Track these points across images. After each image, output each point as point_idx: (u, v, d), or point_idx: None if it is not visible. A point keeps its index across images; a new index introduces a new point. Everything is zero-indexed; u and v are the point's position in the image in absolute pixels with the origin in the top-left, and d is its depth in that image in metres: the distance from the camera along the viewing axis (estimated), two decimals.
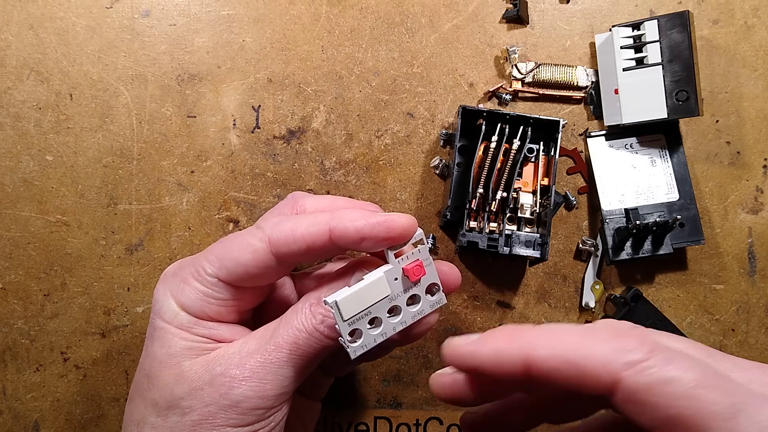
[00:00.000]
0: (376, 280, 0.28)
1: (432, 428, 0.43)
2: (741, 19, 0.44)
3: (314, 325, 0.28)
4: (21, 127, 0.42)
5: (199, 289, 0.30)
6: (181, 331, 0.29)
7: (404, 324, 0.29)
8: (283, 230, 0.28)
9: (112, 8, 0.43)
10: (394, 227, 0.28)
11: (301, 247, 0.28)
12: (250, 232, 0.29)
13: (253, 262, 0.29)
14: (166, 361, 0.29)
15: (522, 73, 0.43)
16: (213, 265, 0.29)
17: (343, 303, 0.27)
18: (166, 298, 0.30)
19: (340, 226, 0.28)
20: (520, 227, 0.42)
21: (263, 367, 0.28)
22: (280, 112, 0.44)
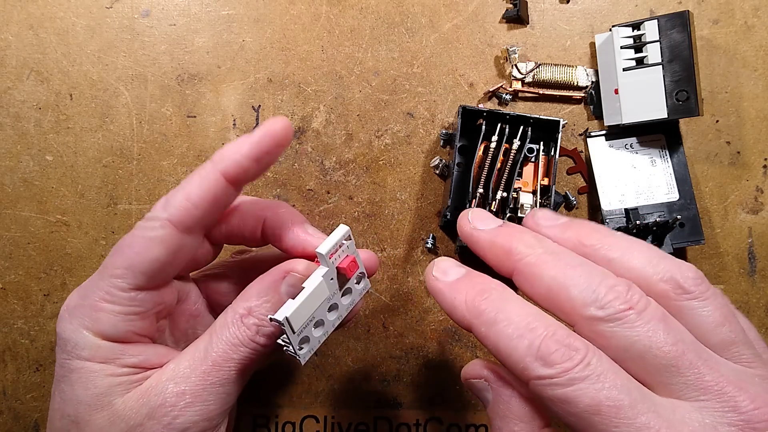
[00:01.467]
0: (318, 286, 0.27)
1: (432, 428, 0.43)
2: (741, 19, 0.44)
3: (249, 337, 0.27)
4: (21, 127, 0.42)
5: (118, 310, 0.27)
6: (106, 366, 0.27)
7: (341, 317, 0.30)
8: (178, 204, 0.26)
9: (112, 8, 0.43)
10: (277, 132, 0.26)
11: (204, 209, 0.27)
12: (144, 227, 0.27)
13: (167, 251, 0.27)
14: (94, 403, 0.26)
15: (522, 73, 0.43)
16: (125, 278, 0.27)
17: (294, 317, 0.26)
18: (79, 333, 0.27)
19: (229, 163, 0.26)
20: None
21: (204, 389, 0.26)
22: (280, 112, 0.44)
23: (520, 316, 0.23)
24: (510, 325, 0.23)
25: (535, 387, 0.22)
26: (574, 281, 0.23)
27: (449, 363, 0.43)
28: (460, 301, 0.25)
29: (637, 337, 0.22)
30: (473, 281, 0.26)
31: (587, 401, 0.21)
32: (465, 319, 0.25)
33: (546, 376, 0.22)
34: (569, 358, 0.21)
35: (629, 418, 0.20)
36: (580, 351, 0.22)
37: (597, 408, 0.21)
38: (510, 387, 0.25)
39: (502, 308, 0.24)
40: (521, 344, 0.22)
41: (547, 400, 0.22)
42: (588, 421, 0.21)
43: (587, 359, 0.21)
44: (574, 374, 0.21)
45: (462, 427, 0.43)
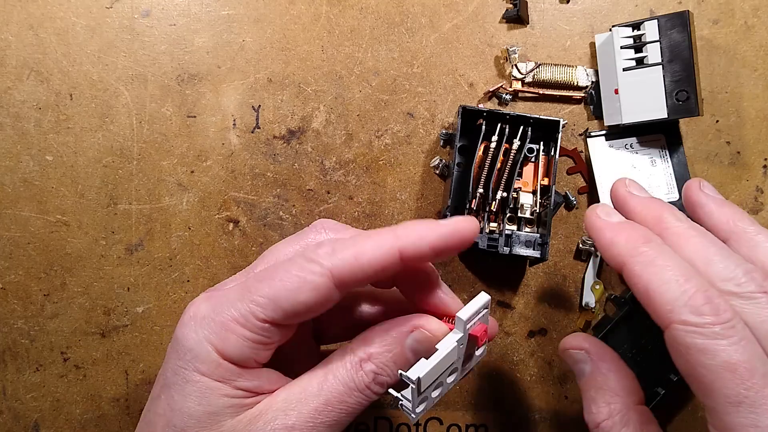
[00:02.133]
0: (451, 350, 0.27)
1: (432, 428, 0.43)
2: (741, 19, 0.44)
3: (366, 384, 0.27)
4: (21, 127, 0.42)
5: (248, 336, 0.26)
6: (222, 386, 0.26)
7: (457, 380, 0.29)
8: (345, 259, 0.26)
9: (112, 8, 0.43)
10: (465, 233, 0.27)
11: (368, 274, 0.26)
12: (303, 267, 0.26)
13: (315, 299, 0.26)
14: (205, 421, 0.26)
15: (522, 73, 0.43)
16: (265, 309, 0.26)
17: (425, 378, 0.26)
18: (202, 346, 0.26)
19: (411, 245, 0.26)
20: (520, 227, 0.42)
21: (313, 428, 0.26)
22: (280, 112, 0.44)
23: (679, 266, 0.25)
24: (667, 270, 0.24)
25: (676, 331, 0.23)
26: (716, 258, 0.25)
27: None
28: (621, 239, 0.26)
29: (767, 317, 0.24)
30: (637, 227, 0.27)
31: (726, 357, 0.22)
32: (621, 255, 0.26)
33: (692, 323, 0.23)
34: (717, 314, 0.23)
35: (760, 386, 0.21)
36: (728, 312, 0.23)
37: (734, 366, 0.22)
38: (609, 359, 0.27)
39: (661, 254, 0.25)
40: (675, 288, 0.24)
41: (683, 347, 0.23)
42: (720, 376, 0.22)
43: (733, 322, 0.23)
44: (720, 330, 0.22)
45: (462, 427, 0.43)
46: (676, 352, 0.23)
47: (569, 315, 0.44)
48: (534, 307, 0.44)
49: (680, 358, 0.23)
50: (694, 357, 0.23)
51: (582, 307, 0.44)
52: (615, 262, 0.27)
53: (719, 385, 0.22)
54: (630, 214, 0.30)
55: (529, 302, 0.44)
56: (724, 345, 0.22)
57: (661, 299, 0.24)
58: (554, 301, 0.44)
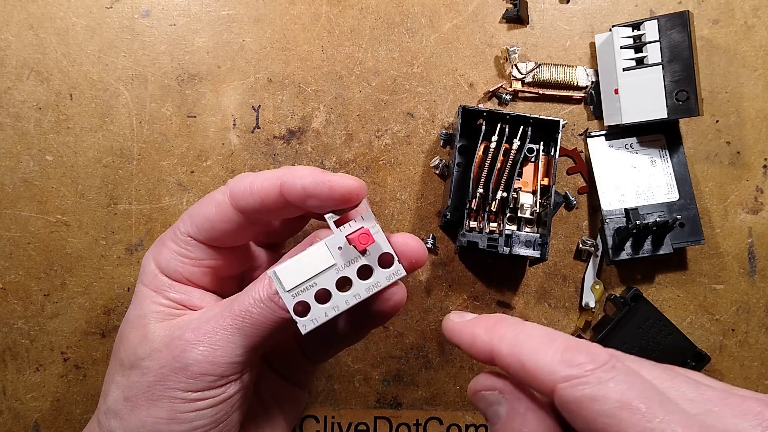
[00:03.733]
0: (317, 248, 0.27)
1: (432, 428, 0.43)
2: (741, 19, 0.44)
3: (269, 295, 0.28)
4: (21, 127, 0.42)
5: (174, 248, 0.31)
6: (155, 294, 0.30)
7: (358, 297, 0.28)
8: (242, 183, 0.29)
9: (112, 8, 0.43)
10: (337, 187, 0.27)
11: (256, 200, 0.29)
12: (217, 189, 0.30)
13: (217, 215, 0.30)
14: (135, 322, 0.30)
15: (522, 73, 0.43)
16: (185, 224, 0.31)
17: (283, 272, 0.26)
18: (148, 261, 0.31)
19: (289, 181, 0.28)
20: (520, 227, 0.42)
21: (215, 333, 0.28)
22: (280, 112, 0.44)
23: (540, 331, 0.24)
24: (533, 339, 0.24)
25: (563, 390, 0.22)
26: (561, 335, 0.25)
27: (449, 363, 0.43)
28: (480, 331, 0.26)
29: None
30: (488, 317, 0.27)
31: (618, 396, 0.21)
32: (486, 345, 0.25)
33: (575, 376, 0.22)
34: (594, 360, 0.22)
35: (661, 415, 0.20)
36: (604, 354, 0.22)
37: (629, 402, 0.21)
38: (527, 398, 0.25)
39: (521, 329, 0.25)
40: (547, 354, 0.23)
41: (575, 404, 0.21)
42: (621, 418, 0.20)
43: (612, 362, 0.22)
44: (602, 373, 0.21)
45: (462, 427, 0.43)
46: (572, 414, 0.22)
47: (569, 315, 0.44)
48: (534, 307, 0.44)
49: (578, 419, 0.22)
50: (588, 409, 0.21)
51: (582, 307, 0.44)
52: (484, 354, 0.25)
53: (624, 427, 0.20)
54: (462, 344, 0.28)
55: (529, 302, 0.44)
56: (612, 385, 0.21)
57: (538, 368, 0.23)
58: (554, 301, 0.44)
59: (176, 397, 0.28)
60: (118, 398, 0.29)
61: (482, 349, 0.25)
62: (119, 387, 0.29)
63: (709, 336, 0.44)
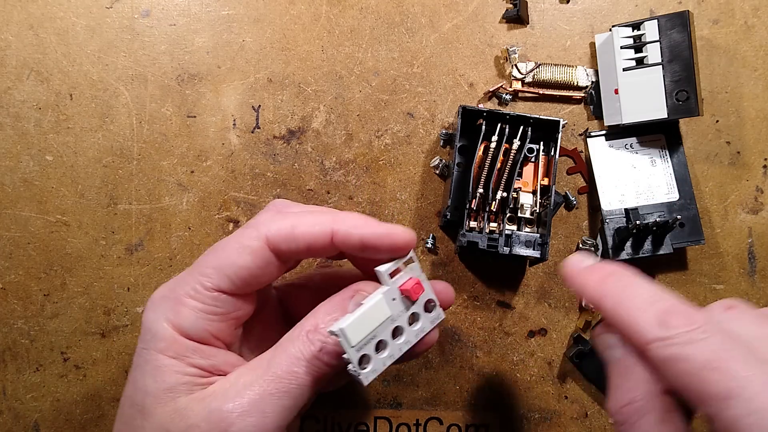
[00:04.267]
0: (376, 302, 0.28)
1: (432, 428, 0.43)
2: (741, 19, 0.44)
3: (313, 353, 0.27)
4: (21, 127, 0.42)
5: (199, 307, 0.28)
6: (176, 362, 0.27)
7: (409, 343, 0.29)
8: (281, 227, 0.28)
9: (112, 8, 0.43)
10: (398, 240, 0.28)
11: (300, 246, 0.28)
12: (243, 235, 0.28)
13: (253, 263, 0.28)
14: (161, 397, 0.27)
15: (522, 73, 0.43)
16: (211, 278, 0.28)
17: (350, 329, 0.26)
18: (159, 324, 0.28)
19: (343, 230, 0.27)
20: (520, 227, 0.42)
21: (262, 400, 0.26)
22: (280, 112, 0.44)
23: (645, 292, 0.26)
24: (635, 299, 0.25)
25: (655, 350, 0.23)
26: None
27: (449, 363, 0.43)
28: (591, 282, 0.27)
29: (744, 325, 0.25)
30: (603, 267, 0.28)
31: (704, 357, 0.22)
32: (593, 299, 0.27)
33: (666, 337, 0.23)
34: (689, 322, 0.23)
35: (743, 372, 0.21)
36: (700, 317, 0.23)
37: (715, 363, 0.22)
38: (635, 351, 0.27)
39: (628, 287, 0.26)
40: (645, 315, 0.24)
41: (664, 364, 0.23)
42: (705, 378, 0.22)
43: (705, 326, 0.23)
44: (693, 334, 0.23)
45: (462, 427, 0.43)
46: (663, 372, 0.24)
47: (569, 315, 0.44)
48: (534, 307, 0.44)
49: (669, 376, 0.23)
50: (675, 368, 0.23)
51: (582, 307, 0.44)
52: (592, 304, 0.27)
53: (707, 387, 0.22)
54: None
55: (529, 302, 0.44)
56: (700, 346, 0.22)
57: (634, 328, 0.25)
58: (554, 301, 0.44)
59: None
60: None
61: (590, 300, 0.27)
62: None
63: None
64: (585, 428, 0.43)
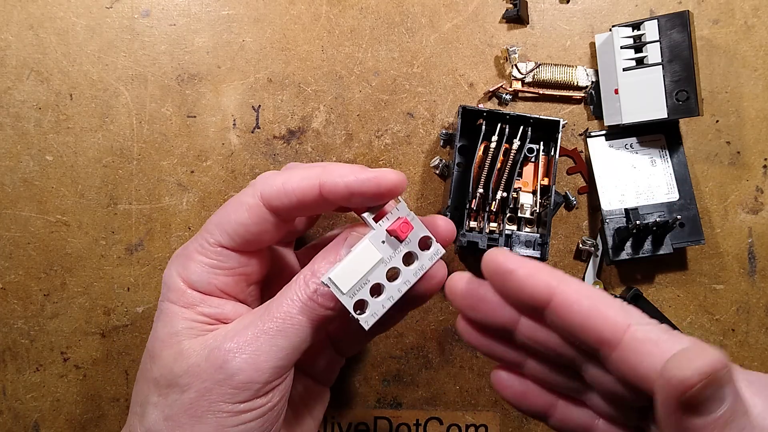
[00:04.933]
0: (363, 247, 0.28)
1: (432, 428, 0.43)
2: (741, 19, 0.44)
3: (308, 295, 0.28)
4: (21, 127, 0.42)
5: (204, 261, 0.30)
6: (185, 310, 0.29)
7: (408, 283, 0.29)
8: (274, 184, 0.28)
9: (112, 8, 0.43)
10: (383, 183, 0.27)
11: (292, 200, 0.28)
12: (242, 192, 0.30)
13: (249, 219, 0.29)
14: (167, 340, 0.29)
15: (522, 73, 0.43)
16: (213, 234, 0.29)
17: (337, 276, 0.27)
18: (172, 278, 0.30)
19: (330, 180, 0.28)
20: (520, 227, 0.42)
21: (256, 339, 0.27)
22: (280, 112, 0.44)
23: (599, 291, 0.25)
24: (597, 290, 0.25)
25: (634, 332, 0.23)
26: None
27: (449, 363, 0.43)
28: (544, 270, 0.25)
29: None
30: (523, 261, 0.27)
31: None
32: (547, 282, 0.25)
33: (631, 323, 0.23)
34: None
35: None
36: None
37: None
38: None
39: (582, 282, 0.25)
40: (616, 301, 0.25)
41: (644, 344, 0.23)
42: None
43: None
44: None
45: (462, 427, 0.43)
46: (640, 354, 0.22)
47: None
48: None
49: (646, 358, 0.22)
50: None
51: None
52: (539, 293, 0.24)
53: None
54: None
55: None
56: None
57: (611, 312, 0.23)
58: None
59: (222, 410, 0.27)
60: (157, 419, 0.28)
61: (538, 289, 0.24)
62: (157, 407, 0.28)
63: (709, 336, 0.44)
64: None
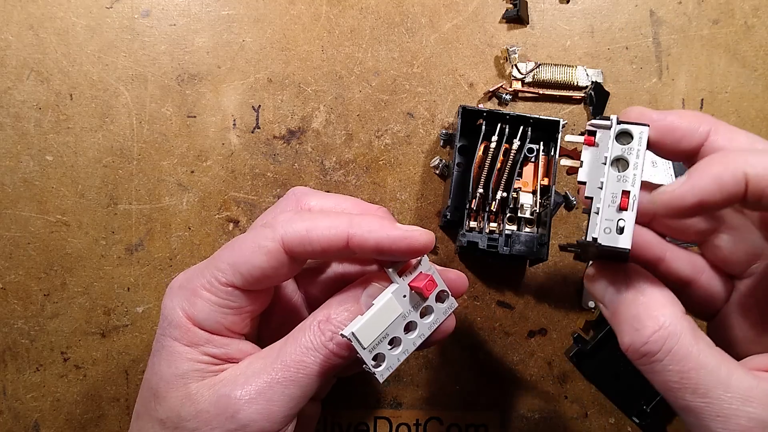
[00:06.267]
0: (386, 302, 0.28)
1: (432, 428, 0.43)
2: (741, 19, 0.44)
3: (323, 343, 0.27)
4: (21, 127, 0.42)
5: (213, 300, 0.28)
6: (190, 350, 0.28)
7: (422, 337, 0.29)
8: (297, 230, 0.28)
9: (112, 8, 0.43)
10: (415, 244, 0.27)
11: (316, 249, 0.28)
12: (259, 234, 0.28)
13: (267, 263, 0.28)
14: (173, 382, 0.28)
15: (522, 73, 0.43)
16: (226, 273, 0.28)
17: (360, 332, 0.27)
18: (175, 313, 0.29)
19: (359, 235, 0.27)
20: (520, 227, 0.42)
21: (269, 388, 0.27)
22: (280, 112, 0.44)
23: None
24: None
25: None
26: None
27: (449, 363, 0.43)
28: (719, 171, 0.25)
29: None
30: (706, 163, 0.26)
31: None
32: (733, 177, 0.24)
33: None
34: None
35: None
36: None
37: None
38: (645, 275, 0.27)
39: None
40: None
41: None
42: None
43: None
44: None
45: (462, 427, 0.43)
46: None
47: (569, 315, 0.44)
48: (534, 307, 0.44)
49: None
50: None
51: (582, 307, 0.44)
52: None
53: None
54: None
55: (529, 302, 0.44)
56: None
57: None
58: (554, 301, 0.44)
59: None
60: None
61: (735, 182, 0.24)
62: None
63: None
64: (585, 428, 0.43)
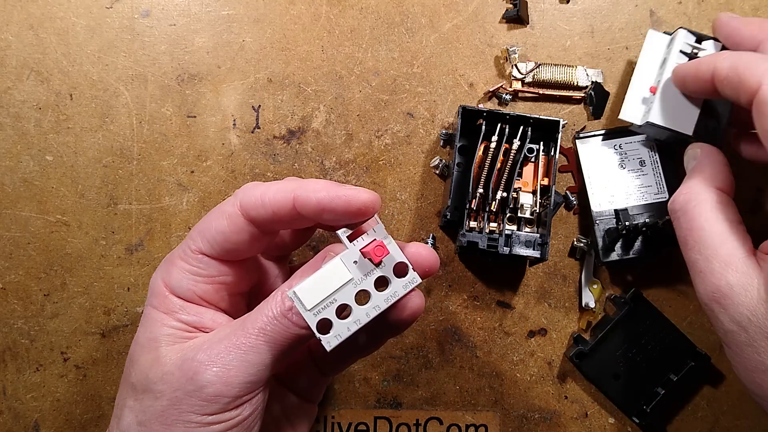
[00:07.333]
0: (333, 264, 0.27)
1: (432, 428, 0.43)
2: None
3: (282, 312, 0.28)
4: (21, 127, 0.42)
5: (185, 267, 0.30)
6: (165, 316, 0.30)
7: (378, 309, 0.28)
8: (252, 195, 0.29)
9: (112, 8, 0.43)
10: (353, 201, 0.27)
11: (268, 212, 0.29)
12: (225, 202, 0.30)
13: (228, 227, 0.29)
14: (146, 345, 0.29)
15: (522, 73, 0.43)
16: (195, 241, 0.30)
17: (302, 291, 0.26)
18: (157, 282, 0.31)
19: (303, 194, 0.28)
20: (520, 227, 0.42)
21: (228, 353, 0.27)
22: (280, 112, 0.44)
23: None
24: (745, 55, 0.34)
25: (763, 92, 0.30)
26: None
27: (449, 363, 0.43)
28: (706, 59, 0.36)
29: None
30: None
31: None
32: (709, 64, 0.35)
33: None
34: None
35: None
36: None
37: None
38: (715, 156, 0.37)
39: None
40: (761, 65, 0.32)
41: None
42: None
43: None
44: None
45: (462, 427, 0.43)
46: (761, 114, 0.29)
47: (569, 315, 0.44)
48: (534, 307, 0.44)
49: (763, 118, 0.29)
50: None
51: (582, 307, 0.44)
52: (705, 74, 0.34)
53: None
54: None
55: (529, 302, 0.44)
56: None
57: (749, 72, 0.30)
58: (554, 301, 0.44)
59: (191, 420, 0.27)
60: (131, 423, 0.28)
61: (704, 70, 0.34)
62: (132, 411, 0.28)
63: (708, 336, 0.44)
64: (585, 428, 0.43)
